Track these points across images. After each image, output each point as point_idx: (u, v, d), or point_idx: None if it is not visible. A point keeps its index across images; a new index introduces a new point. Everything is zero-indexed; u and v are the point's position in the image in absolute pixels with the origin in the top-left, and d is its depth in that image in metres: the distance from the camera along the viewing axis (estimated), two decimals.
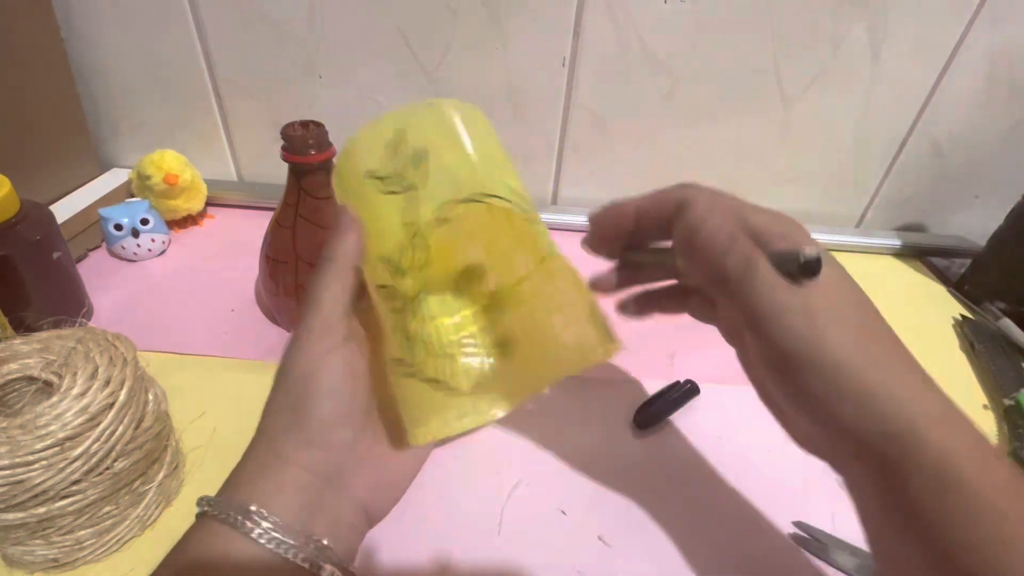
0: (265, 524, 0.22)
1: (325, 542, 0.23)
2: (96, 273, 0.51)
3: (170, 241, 0.56)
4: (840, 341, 0.21)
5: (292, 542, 0.22)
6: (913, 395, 0.20)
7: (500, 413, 0.29)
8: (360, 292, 0.28)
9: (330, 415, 0.25)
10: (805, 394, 0.22)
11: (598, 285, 0.31)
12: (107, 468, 0.28)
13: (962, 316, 0.54)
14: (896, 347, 0.22)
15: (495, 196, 0.27)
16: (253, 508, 0.22)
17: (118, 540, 0.30)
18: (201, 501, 0.23)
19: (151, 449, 0.31)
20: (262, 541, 0.22)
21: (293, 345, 0.26)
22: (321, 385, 0.25)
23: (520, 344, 0.30)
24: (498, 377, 0.30)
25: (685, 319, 0.33)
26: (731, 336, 0.29)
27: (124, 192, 0.59)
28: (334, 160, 0.40)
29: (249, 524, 0.22)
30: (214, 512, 0.22)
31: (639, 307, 0.33)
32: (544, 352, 0.29)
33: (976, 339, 0.50)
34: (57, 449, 0.26)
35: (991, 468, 0.19)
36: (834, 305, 0.22)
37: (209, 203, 0.61)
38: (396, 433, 0.28)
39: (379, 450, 0.28)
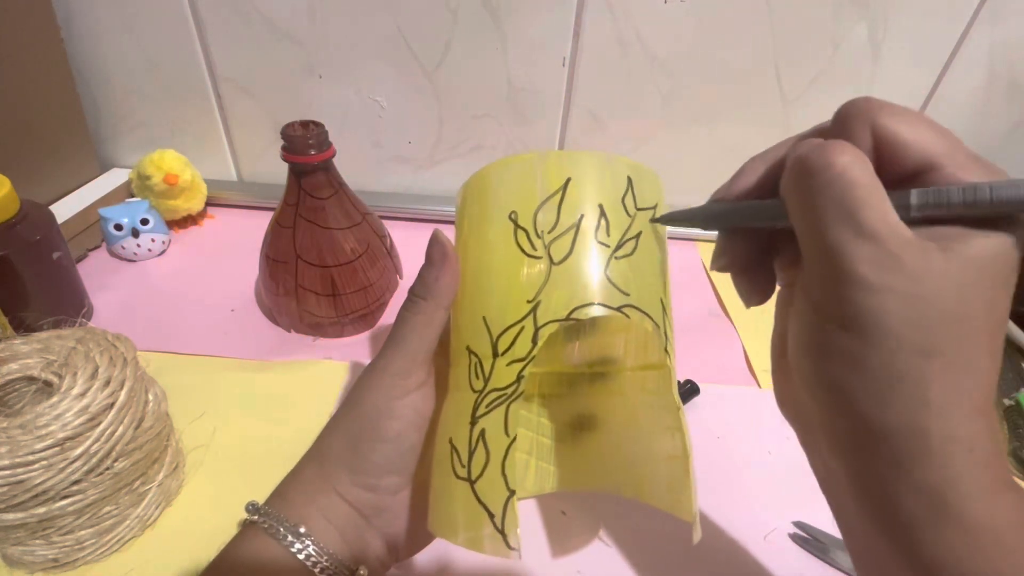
0: (312, 547, 0.23)
1: (362, 571, 0.24)
2: (96, 273, 0.51)
3: (170, 241, 0.56)
4: (899, 309, 0.16)
5: (332, 566, 0.23)
6: (943, 405, 0.17)
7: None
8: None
9: (387, 462, 0.25)
10: (833, 356, 0.18)
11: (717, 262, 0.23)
12: (107, 468, 0.28)
13: None
14: (975, 352, 0.17)
15: (646, 314, 0.22)
16: (303, 530, 0.23)
17: (118, 540, 0.30)
18: (251, 508, 0.24)
19: (151, 449, 0.31)
20: (307, 562, 0.23)
21: (370, 378, 0.25)
22: (386, 432, 0.25)
23: (600, 434, 0.29)
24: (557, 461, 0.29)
25: (685, 319, 0.33)
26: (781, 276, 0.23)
27: (124, 192, 0.59)
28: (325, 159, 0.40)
29: (298, 544, 0.23)
30: (264, 524, 0.23)
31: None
32: (628, 459, 0.27)
33: None
34: (57, 449, 0.26)
35: (999, 504, 0.17)
36: (952, 283, 0.16)
37: (209, 203, 0.61)
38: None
39: (420, 495, 0.27)
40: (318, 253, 0.42)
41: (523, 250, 0.22)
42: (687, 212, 0.22)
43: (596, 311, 0.21)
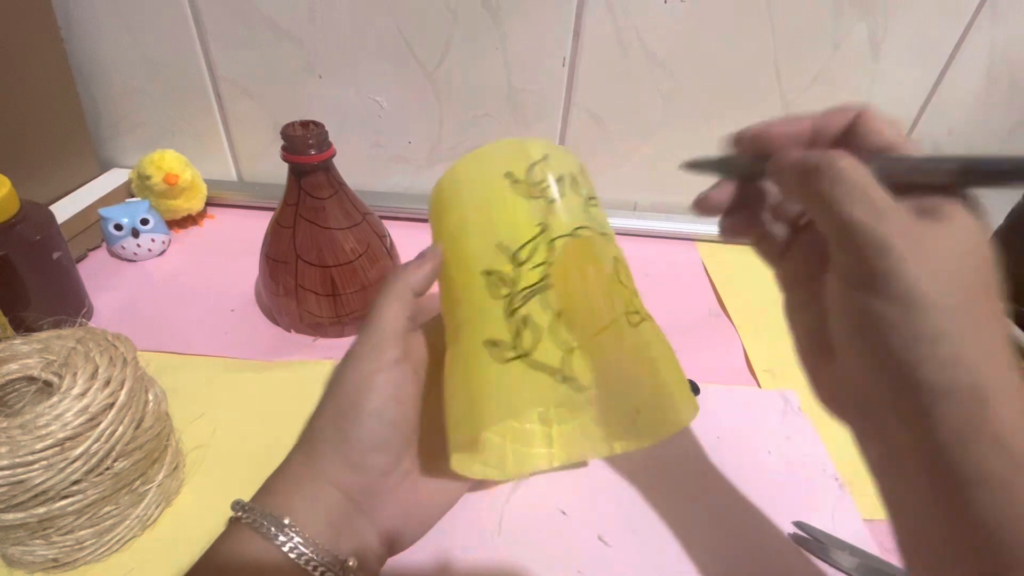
0: (296, 539, 0.23)
1: (351, 563, 0.23)
2: (96, 273, 0.51)
3: (170, 241, 0.56)
4: (944, 285, 0.18)
5: (319, 558, 0.23)
6: (992, 360, 0.18)
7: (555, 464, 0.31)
8: (418, 315, 0.29)
9: (371, 438, 0.26)
10: (877, 326, 0.19)
11: (706, 203, 0.27)
12: (107, 468, 0.28)
13: None
14: (983, 310, 0.19)
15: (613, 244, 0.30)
16: (287, 521, 0.23)
17: (118, 540, 0.30)
18: (236, 506, 0.24)
19: (151, 449, 0.31)
20: (292, 555, 0.22)
21: (347, 361, 0.26)
22: (367, 406, 0.25)
23: (595, 397, 0.30)
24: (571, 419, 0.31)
25: (685, 319, 0.33)
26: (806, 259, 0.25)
27: (124, 192, 0.59)
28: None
29: (282, 537, 0.22)
30: (248, 519, 0.23)
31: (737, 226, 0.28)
32: (622, 407, 0.30)
33: None
34: (57, 449, 0.26)
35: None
36: (956, 248, 0.19)
37: (209, 203, 0.61)
38: (434, 462, 0.29)
39: (411, 482, 0.28)
40: (318, 253, 0.42)
41: (522, 196, 0.28)
42: (715, 159, 0.27)
43: (587, 233, 0.28)
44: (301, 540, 0.23)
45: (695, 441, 0.39)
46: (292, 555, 0.22)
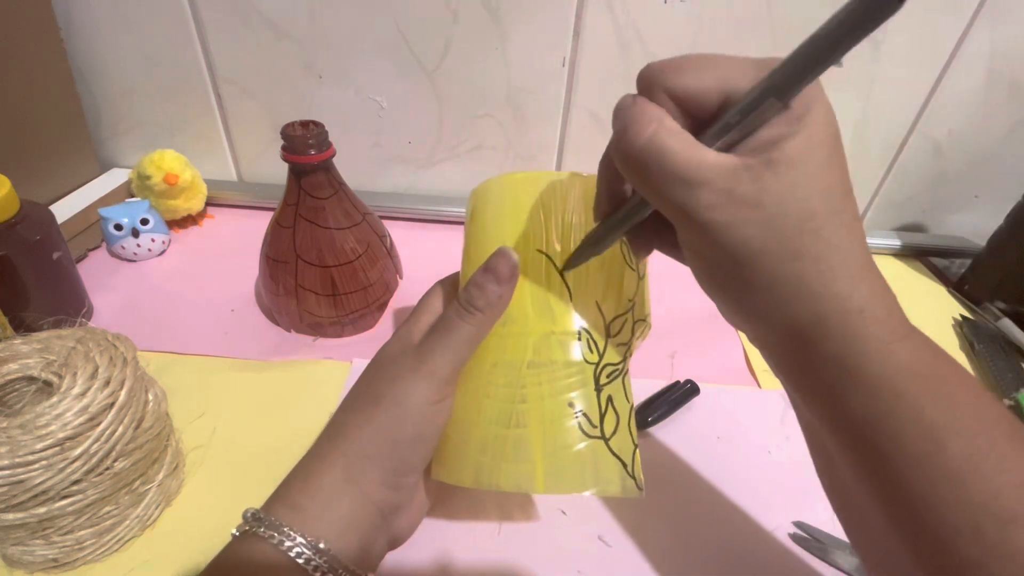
0: (326, 561, 0.22)
1: None
2: (96, 273, 0.51)
3: (170, 241, 0.56)
4: (756, 233, 0.18)
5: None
6: (830, 286, 0.19)
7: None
8: None
9: (419, 462, 0.26)
10: (720, 283, 0.21)
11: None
12: (107, 468, 0.28)
13: (962, 316, 0.54)
14: (833, 233, 0.19)
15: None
16: (322, 546, 0.22)
17: (118, 540, 0.30)
18: (252, 517, 0.23)
19: (151, 449, 0.31)
20: (316, 574, 0.22)
21: (411, 377, 0.25)
22: (428, 435, 0.25)
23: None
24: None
25: (685, 319, 0.33)
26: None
27: (124, 192, 0.59)
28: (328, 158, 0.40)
29: (315, 560, 0.22)
30: (269, 537, 0.22)
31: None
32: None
33: (976, 339, 0.50)
34: (57, 449, 0.26)
35: (893, 353, 0.19)
36: (791, 184, 0.18)
37: (209, 203, 0.61)
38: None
39: (421, 489, 0.28)
40: (318, 253, 0.42)
41: (627, 261, 0.28)
42: (582, 251, 0.26)
43: (649, 322, 0.29)
44: (331, 562, 0.22)
45: (695, 441, 0.39)
46: (316, 574, 0.22)
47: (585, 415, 0.26)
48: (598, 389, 0.26)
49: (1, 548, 0.29)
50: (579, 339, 0.26)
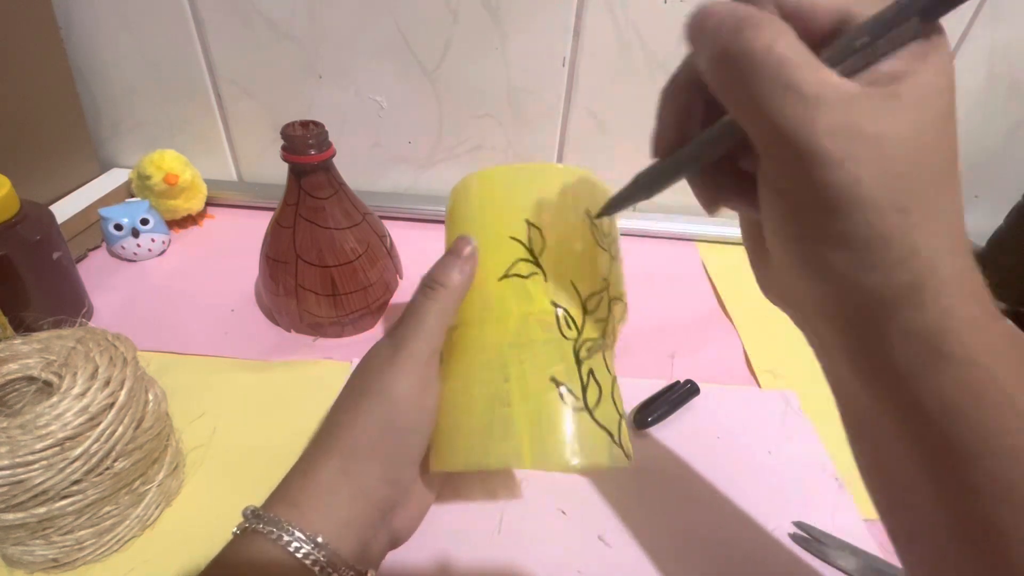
0: (325, 557, 0.22)
1: (369, 574, 0.24)
2: (96, 273, 0.51)
3: (170, 241, 0.56)
4: (869, 173, 0.16)
5: (341, 574, 0.22)
6: (934, 248, 0.16)
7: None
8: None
9: (416, 453, 0.26)
10: (800, 233, 0.18)
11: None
12: (107, 468, 0.28)
13: None
14: (941, 192, 0.17)
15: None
16: (321, 540, 0.22)
17: (118, 540, 0.30)
18: (254, 516, 0.23)
19: (151, 449, 0.31)
20: (315, 569, 0.22)
21: (395, 366, 0.25)
22: (420, 423, 0.25)
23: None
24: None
25: (685, 319, 0.33)
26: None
27: (124, 192, 0.59)
28: (330, 159, 0.40)
29: (313, 555, 0.22)
30: (270, 533, 0.22)
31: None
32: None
33: None
34: (57, 449, 0.26)
35: (987, 331, 0.17)
36: (911, 126, 0.16)
37: (209, 203, 0.61)
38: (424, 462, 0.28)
39: (420, 483, 0.28)
40: (318, 253, 0.42)
41: (598, 243, 0.29)
42: (630, 194, 0.23)
43: (625, 302, 0.30)
44: (330, 557, 0.22)
45: (695, 441, 0.39)
46: (316, 568, 0.22)
47: (568, 389, 0.26)
48: (578, 363, 0.27)
49: (1, 548, 0.29)
50: (557, 318, 0.27)
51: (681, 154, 0.20)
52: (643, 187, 0.22)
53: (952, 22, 0.53)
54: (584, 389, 0.27)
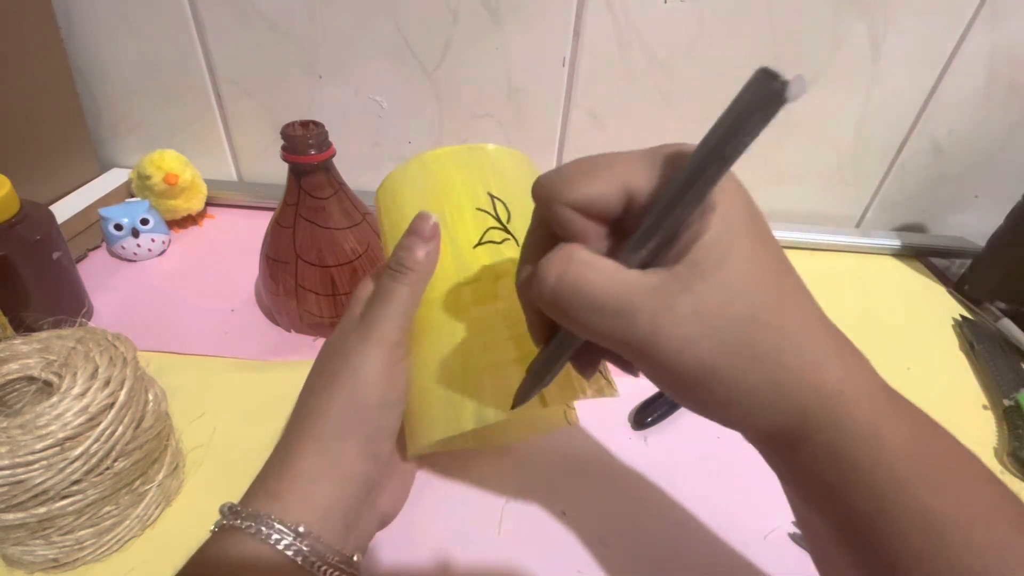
0: (308, 546, 0.22)
1: (356, 558, 0.23)
2: (96, 273, 0.51)
3: (170, 241, 0.56)
4: (709, 346, 0.17)
5: (330, 559, 0.22)
6: (802, 377, 0.17)
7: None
8: None
9: (390, 427, 0.26)
10: (690, 404, 0.20)
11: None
12: (107, 468, 0.28)
13: (962, 316, 0.54)
14: (787, 313, 0.18)
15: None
16: (302, 530, 0.22)
17: (118, 540, 0.30)
18: (231, 513, 0.22)
19: (151, 449, 0.31)
20: (298, 559, 0.21)
21: (364, 348, 0.25)
22: (391, 398, 0.25)
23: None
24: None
25: None
26: None
27: (124, 192, 0.59)
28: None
29: (295, 546, 0.21)
30: (252, 529, 0.21)
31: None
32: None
33: (976, 339, 0.50)
34: (57, 449, 0.26)
35: (883, 435, 0.17)
36: (717, 300, 0.17)
37: (209, 203, 0.61)
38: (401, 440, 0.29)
39: (398, 460, 0.28)
40: (318, 253, 0.42)
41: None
42: (530, 387, 0.24)
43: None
44: (313, 546, 0.22)
45: (695, 441, 0.39)
46: (298, 559, 0.21)
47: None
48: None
49: (1, 548, 0.29)
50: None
51: (551, 349, 0.22)
52: (536, 380, 0.23)
53: (952, 22, 0.53)
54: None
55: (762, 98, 0.14)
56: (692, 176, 0.16)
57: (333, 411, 0.25)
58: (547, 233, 0.20)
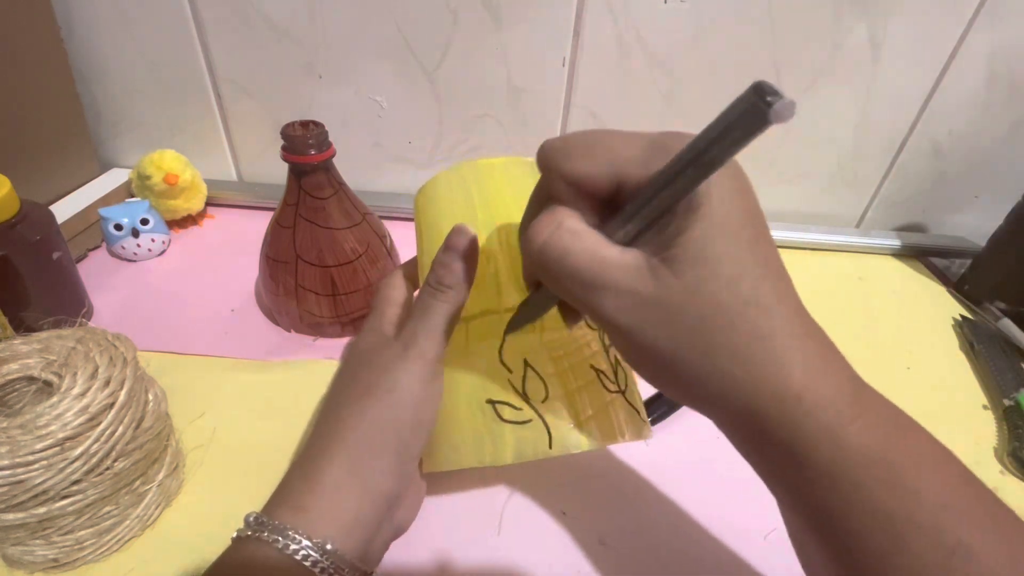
0: (331, 562, 0.22)
1: (373, 573, 0.23)
2: (96, 273, 0.51)
3: (170, 241, 0.56)
4: (663, 334, 0.18)
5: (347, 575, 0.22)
6: (756, 377, 0.18)
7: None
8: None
9: (420, 446, 0.26)
10: (652, 378, 0.21)
11: None
12: (107, 468, 0.28)
13: (962, 316, 0.54)
14: (754, 320, 0.18)
15: None
16: (330, 547, 0.22)
17: (118, 540, 0.30)
18: (255, 522, 0.22)
19: (151, 449, 0.31)
20: (316, 571, 0.21)
21: (399, 364, 0.25)
22: (426, 419, 0.25)
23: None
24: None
25: None
26: None
27: (124, 192, 0.59)
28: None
29: (322, 563, 0.21)
30: (280, 544, 0.21)
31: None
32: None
33: (976, 339, 0.50)
34: (57, 449, 0.26)
35: (843, 439, 0.18)
36: (686, 293, 0.18)
37: (209, 203, 0.61)
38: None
39: (417, 475, 0.28)
40: (318, 253, 0.42)
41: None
42: (521, 318, 0.26)
43: None
44: (336, 562, 0.22)
45: (695, 441, 0.39)
46: (316, 570, 0.21)
47: (604, 374, 0.29)
48: (606, 348, 0.29)
49: (1, 548, 0.29)
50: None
51: (542, 294, 0.24)
52: (526, 315, 0.25)
53: (952, 22, 0.53)
54: (615, 373, 0.29)
55: (746, 115, 0.14)
56: (668, 180, 0.16)
57: (366, 425, 0.24)
58: (549, 193, 0.20)
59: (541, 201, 0.21)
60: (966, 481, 0.18)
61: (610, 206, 0.19)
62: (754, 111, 0.14)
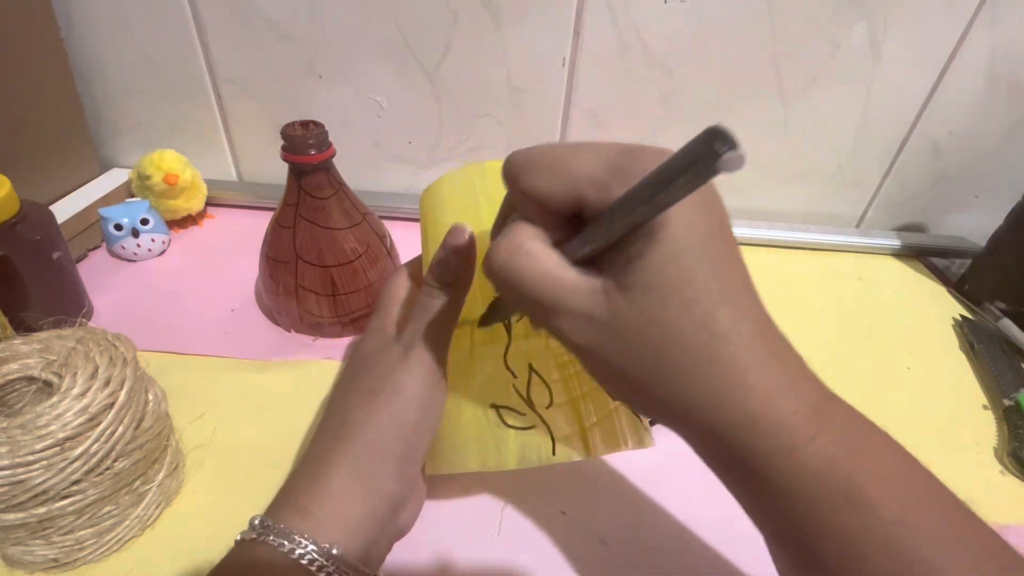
0: (335, 567, 0.22)
1: (375, 575, 0.23)
2: (96, 273, 0.51)
3: (170, 241, 0.56)
4: (617, 358, 0.18)
5: None
6: (709, 403, 0.18)
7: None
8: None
9: (423, 449, 0.26)
10: (613, 393, 0.21)
11: None
12: (107, 468, 0.28)
13: (962, 316, 0.54)
14: (708, 346, 0.18)
15: None
16: (336, 552, 0.22)
17: (118, 540, 0.30)
18: (259, 525, 0.22)
19: (151, 449, 0.31)
20: (321, 575, 0.21)
21: (403, 366, 0.25)
22: (432, 421, 0.25)
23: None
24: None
25: None
26: None
27: (124, 192, 0.59)
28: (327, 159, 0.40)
29: (327, 568, 0.21)
30: (285, 548, 0.21)
31: None
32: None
33: (976, 339, 0.50)
34: (57, 449, 0.26)
35: (799, 460, 0.18)
36: (641, 318, 0.18)
37: (209, 203, 0.61)
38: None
39: (419, 477, 0.28)
40: (318, 253, 0.42)
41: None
42: (494, 314, 0.27)
43: None
44: (340, 566, 0.22)
45: None
46: (321, 574, 0.21)
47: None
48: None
49: (1, 548, 0.29)
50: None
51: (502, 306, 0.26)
52: (496, 315, 0.27)
53: (952, 22, 0.53)
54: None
55: (695, 163, 0.14)
56: (625, 211, 0.16)
57: (371, 428, 0.24)
58: (512, 207, 0.21)
59: (506, 215, 0.21)
60: (931, 496, 0.18)
61: (575, 221, 0.19)
62: (704, 160, 0.14)
